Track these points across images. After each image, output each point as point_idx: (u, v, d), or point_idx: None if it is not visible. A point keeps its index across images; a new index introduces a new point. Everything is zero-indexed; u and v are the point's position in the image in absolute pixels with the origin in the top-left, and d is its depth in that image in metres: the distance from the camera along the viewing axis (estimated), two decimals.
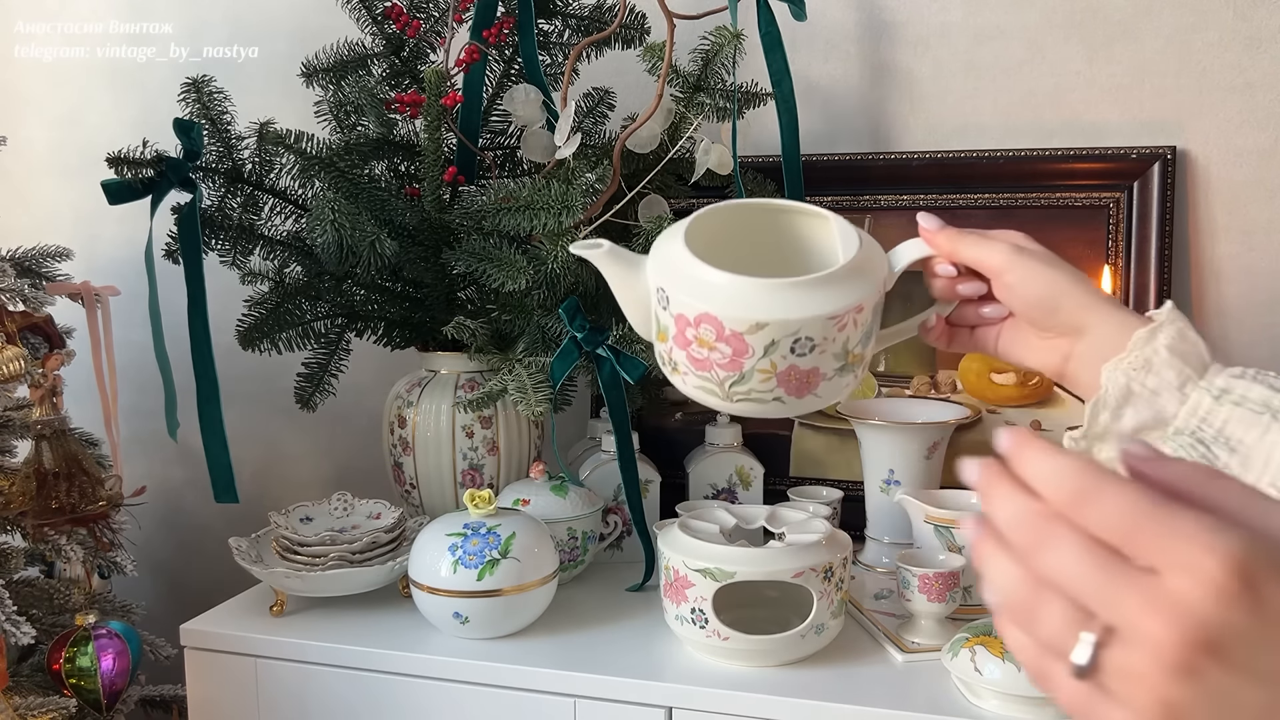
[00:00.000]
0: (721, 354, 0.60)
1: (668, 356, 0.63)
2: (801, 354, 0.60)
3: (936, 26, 1.24)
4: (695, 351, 0.61)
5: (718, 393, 0.62)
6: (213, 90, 1.08)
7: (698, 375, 0.62)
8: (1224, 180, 1.16)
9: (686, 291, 0.60)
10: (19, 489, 1.09)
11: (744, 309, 0.59)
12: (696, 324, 0.60)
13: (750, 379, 0.61)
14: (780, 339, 0.59)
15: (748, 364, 0.60)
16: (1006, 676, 0.82)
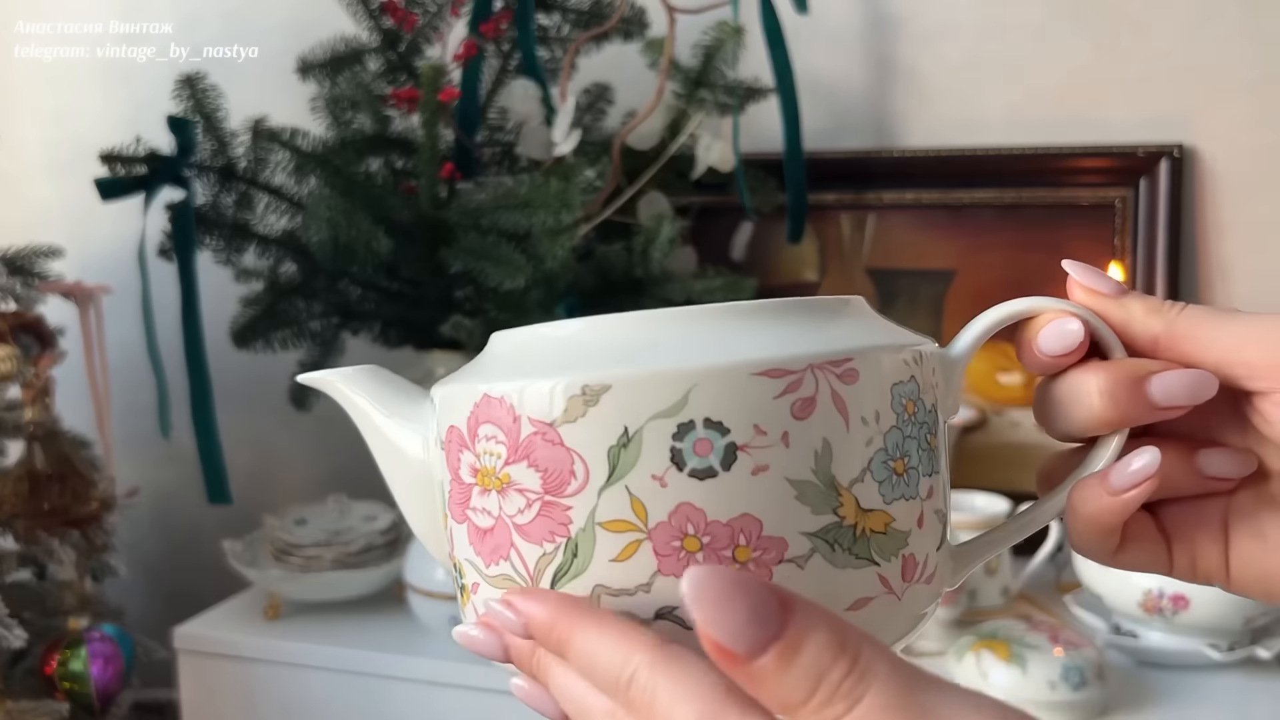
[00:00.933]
0: (523, 495, 0.29)
1: (454, 562, 0.33)
2: (702, 464, 0.28)
3: (941, 21, 1.23)
4: (476, 509, 0.31)
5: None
6: (206, 87, 1.07)
7: (488, 577, 0.31)
8: (1233, 177, 1.15)
9: (467, 377, 0.32)
10: (10, 491, 1.08)
11: (566, 363, 0.30)
12: (473, 430, 0.30)
13: (587, 551, 0.29)
14: (640, 424, 0.28)
15: (578, 509, 0.29)
16: (1013, 681, 0.81)
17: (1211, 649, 0.88)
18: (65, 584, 1.14)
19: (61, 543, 1.09)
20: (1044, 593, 1.04)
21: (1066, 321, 0.31)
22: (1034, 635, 0.84)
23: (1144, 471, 0.30)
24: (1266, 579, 0.32)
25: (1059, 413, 0.32)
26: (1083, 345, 0.31)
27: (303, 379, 0.37)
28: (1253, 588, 0.32)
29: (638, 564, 0.28)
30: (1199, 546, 0.33)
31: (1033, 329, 0.32)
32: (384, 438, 0.35)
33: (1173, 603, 0.88)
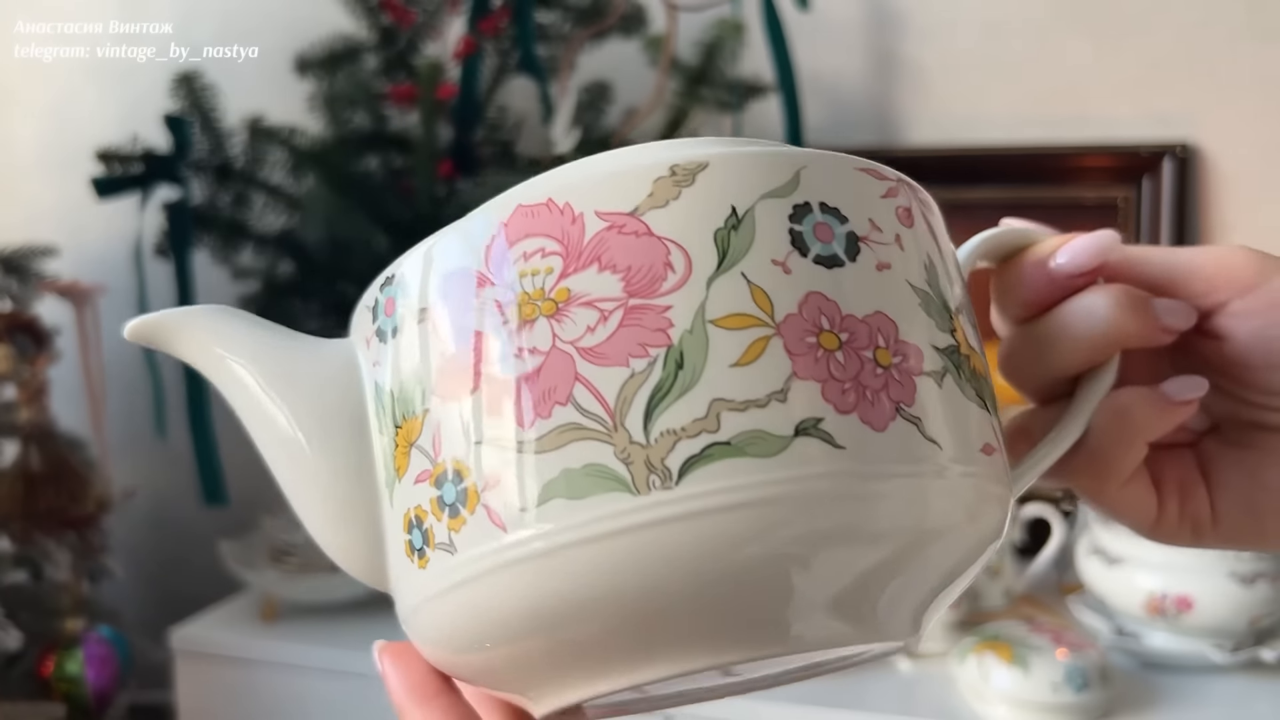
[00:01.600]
0: (593, 309, 0.23)
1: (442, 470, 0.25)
2: (827, 251, 0.24)
3: (944, 18, 1.22)
4: (505, 357, 0.23)
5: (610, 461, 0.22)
6: (203, 85, 1.07)
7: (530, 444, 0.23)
8: (1237, 176, 1.14)
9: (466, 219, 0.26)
10: (6, 492, 1.08)
11: (645, 155, 0.25)
12: (498, 258, 0.24)
13: (697, 357, 0.23)
14: (751, 203, 0.24)
15: (680, 307, 0.23)
16: (1015, 683, 0.80)
17: (1215, 651, 0.88)
18: (61, 585, 1.13)
19: (57, 544, 1.09)
20: (1047, 595, 1.03)
21: (1100, 234, 0.30)
22: (1037, 637, 0.83)
23: (1200, 386, 0.30)
24: (1253, 509, 0.31)
25: (1058, 344, 0.30)
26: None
27: (130, 330, 0.29)
28: (1242, 524, 0.31)
29: (767, 366, 0.22)
30: (1186, 489, 0.32)
31: (1040, 251, 0.31)
32: (267, 414, 0.27)
33: (1176, 605, 0.88)
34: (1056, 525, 1.00)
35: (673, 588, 0.22)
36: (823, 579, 0.23)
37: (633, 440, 0.22)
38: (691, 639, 0.24)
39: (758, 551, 0.22)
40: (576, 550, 0.22)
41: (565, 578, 0.23)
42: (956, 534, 0.25)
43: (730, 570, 0.23)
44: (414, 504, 0.25)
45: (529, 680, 0.25)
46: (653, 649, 0.24)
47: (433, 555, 0.24)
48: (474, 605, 0.24)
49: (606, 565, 0.22)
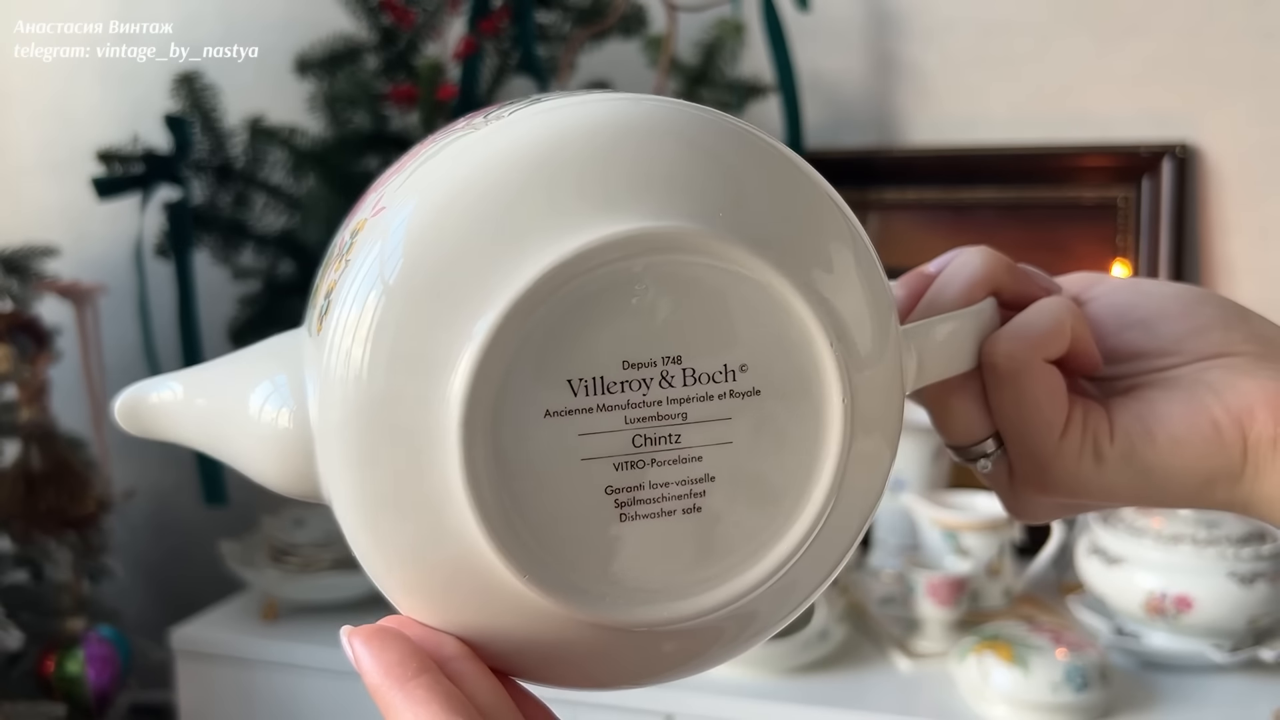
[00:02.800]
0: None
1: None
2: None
3: (944, 18, 1.22)
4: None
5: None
6: (204, 85, 1.07)
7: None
8: (1236, 176, 1.14)
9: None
10: (7, 492, 1.08)
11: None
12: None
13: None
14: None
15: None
16: (1015, 683, 0.80)
17: (1214, 650, 0.88)
18: (62, 585, 1.13)
19: (58, 544, 1.08)
20: (1047, 594, 1.03)
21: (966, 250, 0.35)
22: (1037, 637, 0.84)
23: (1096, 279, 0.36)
24: (1147, 432, 0.33)
25: (938, 298, 0.33)
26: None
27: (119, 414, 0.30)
28: (1137, 442, 0.33)
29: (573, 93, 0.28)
30: (1088, 409, 0.33)
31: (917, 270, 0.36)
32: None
33: (1176, 604, 0.88)
34: (1056, 525, 1.00)
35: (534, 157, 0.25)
36: None
37: (473, 124, 0.27)
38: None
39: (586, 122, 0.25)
40: (439, 173, 0.26)
41: (441, 197, 0.25)
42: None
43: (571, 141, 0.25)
44: (325, 287, 0.27)
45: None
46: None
47: (333, 297, 0.26)
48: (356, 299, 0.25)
49: (467, 168, 0.25)
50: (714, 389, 0.25)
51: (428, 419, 0.24)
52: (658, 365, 0.25)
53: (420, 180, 0.25)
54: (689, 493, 0.25)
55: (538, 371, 0.24)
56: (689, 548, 0.26)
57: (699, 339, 0.25)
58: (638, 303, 0.24)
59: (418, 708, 0.25)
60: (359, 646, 0.27)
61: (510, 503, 0.24)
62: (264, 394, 0.28)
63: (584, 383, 0.24)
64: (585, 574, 0.25)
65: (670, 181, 0.25)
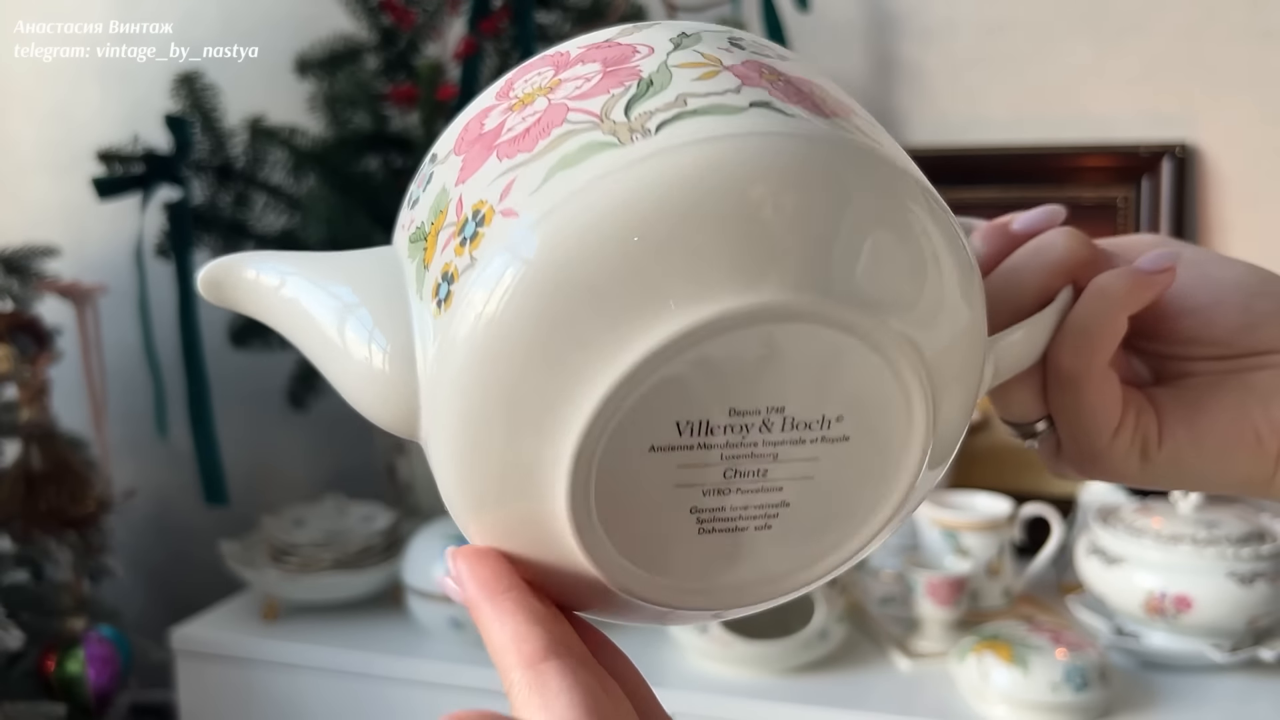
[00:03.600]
0: (580, 80, 0.28)
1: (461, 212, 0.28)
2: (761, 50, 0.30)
3: (943, 19, 1.22)
4: (512, 124, 0.28)
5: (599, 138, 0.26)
6: (204, 85, 1.07)
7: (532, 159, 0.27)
8: (1236, 176, 1.14)
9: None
10: (7, 491, 1.07)
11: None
12: (505, 90, 0.29)
13: (664, 78, 0.27)
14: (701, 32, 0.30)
15: (649, 64, 0.28)
16: (1015, 683, 0.80)
17: (1214, 650, 0.88)
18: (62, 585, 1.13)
19: (58, 544, 1.08)
20: (1046, 594, 1.03)
21: (1049, 206, 0.37)
22: (1036, 637, 0.84)
23: (1170, 258, 0.34)
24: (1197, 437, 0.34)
25: (1018, 277, 0.35)
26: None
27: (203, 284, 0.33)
28: (1183, 446, 0.34)
29: (722, 80, 0.27)
30: (1140, 409, 0.34)
31: (997, 221, 0.38)
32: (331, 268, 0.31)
33: (1175, 604, 0.88)
34: (1056, 525, 1.00)
35: (670, 212, 0.25)
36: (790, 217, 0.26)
37: (616, 123, 0.26)
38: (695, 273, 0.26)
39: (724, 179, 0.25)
40: (578, 201, 0.25)
41: (577, 231, 0.25)
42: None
43: (706, 202, 0.25)
44: (440, 267, 0.27)
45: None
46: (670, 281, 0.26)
47: (456, 286, 0.27)
48: (500, 299, 0.26)
49: (605, 206, 0.25)
50: (808, 434, 0.27)
51: (550, 423, 0.26)
52: (761, 414, 0.27)
53: (560, 197, 0.25)
54: (764, 515, 0.28)
55: (652, 412, 0.26)
56: (753, 556, 0.28)
57: (802, 391, 0.27)
58: (753, 360, 0.26)
59: (505, 617, 0.27)
60: (461, 562, 0.29)
61: (603, 516, 0.27)
62: (347, 322, 0.29)
63: (690, 425, 0.26)
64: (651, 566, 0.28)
65: (799, 251, 0.26)
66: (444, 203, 0.28)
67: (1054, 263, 0.34)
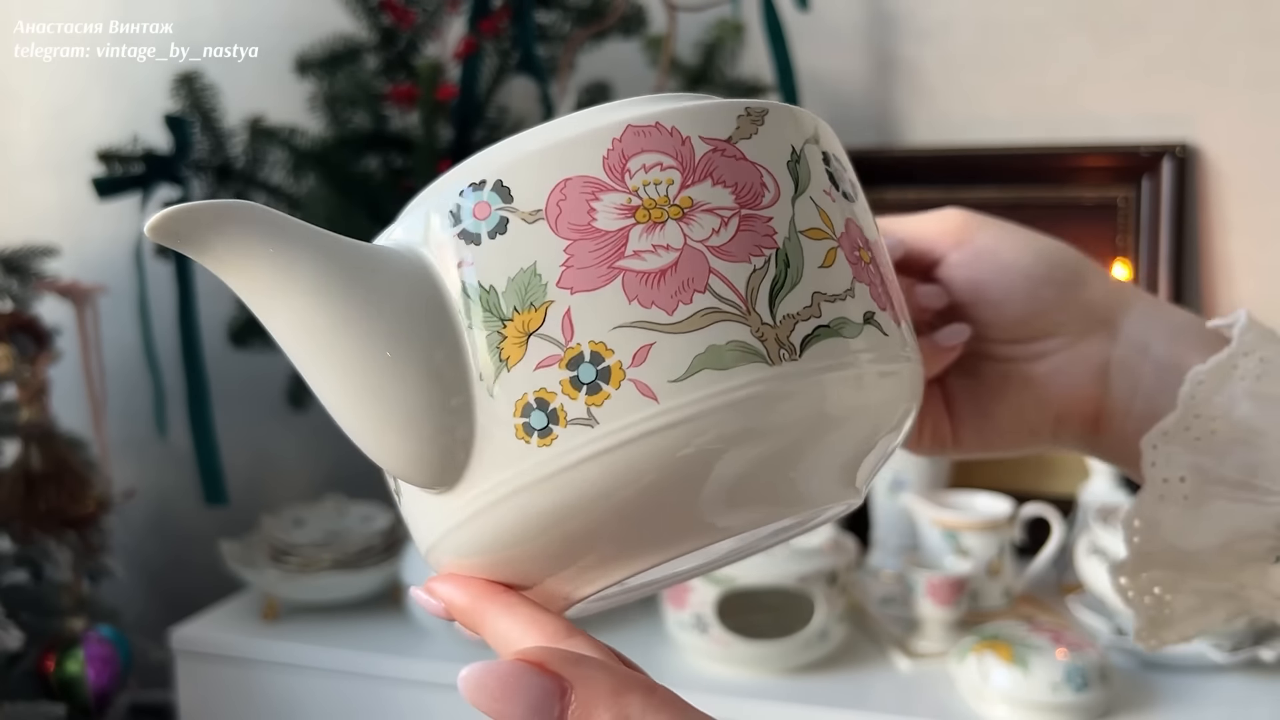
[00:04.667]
0: (715, 215, 0.27)
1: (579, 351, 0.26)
2: (847, 188, 0.30)
3: (943, 18, 1.22)
4: (643, 251, 0.26)
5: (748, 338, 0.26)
6: (203, 85, 1.07)
7: (673, 326, 0.26)
8: (1236, 176, 1.14)
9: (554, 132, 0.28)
10: (6, 492, 1.07)
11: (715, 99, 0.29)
12: (618, 167, 0.27)
13: (798, 259, 0.27)
14: (801, 144, 0.29)
15: (779, 219, 0.27)
16: (1015, 683, 0.80)
17: (1214, 650, 0.88)
18: (62, 585, 1.13)
19: (58, 544, 1.08)
20: (1047, 594, 1.03)
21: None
22: (1037, 637, 0.83)
23: (962, 333, 0.38)
24: (980, 432, 0.40)
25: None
26: None
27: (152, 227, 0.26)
28: (972, 441, 0.40)
29: (839, 271, 0.28)
30: (935, 420, 0.40)
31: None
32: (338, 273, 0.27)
33: None
34: (1056, 525, 1.00)
35: (802, 438, 0.28)
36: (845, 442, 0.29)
37: (764, 322, 0.27)
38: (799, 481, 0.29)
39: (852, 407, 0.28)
40: (725, 413, 0.26)
41: (712, 437, 0.26)
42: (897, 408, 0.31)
43: (834, 422, 0.28)
44: (534, 388, 0.26)
45: (589, 564, 0.29)
46: (766, 494, 0.29)
47: (563, 431, 0.26)
48: (613, 473, 0.26)
49: (748, 422, 0.26)
50: None
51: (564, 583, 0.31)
52: None
53: (707, 404, 0.26)
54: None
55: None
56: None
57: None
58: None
59: (511, 610, 0.28)
60: (443, 586, 0.29)
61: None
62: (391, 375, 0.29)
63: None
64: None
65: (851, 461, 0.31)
66: (539, 297, 0.26)
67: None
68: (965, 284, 0.38)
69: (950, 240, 0.39)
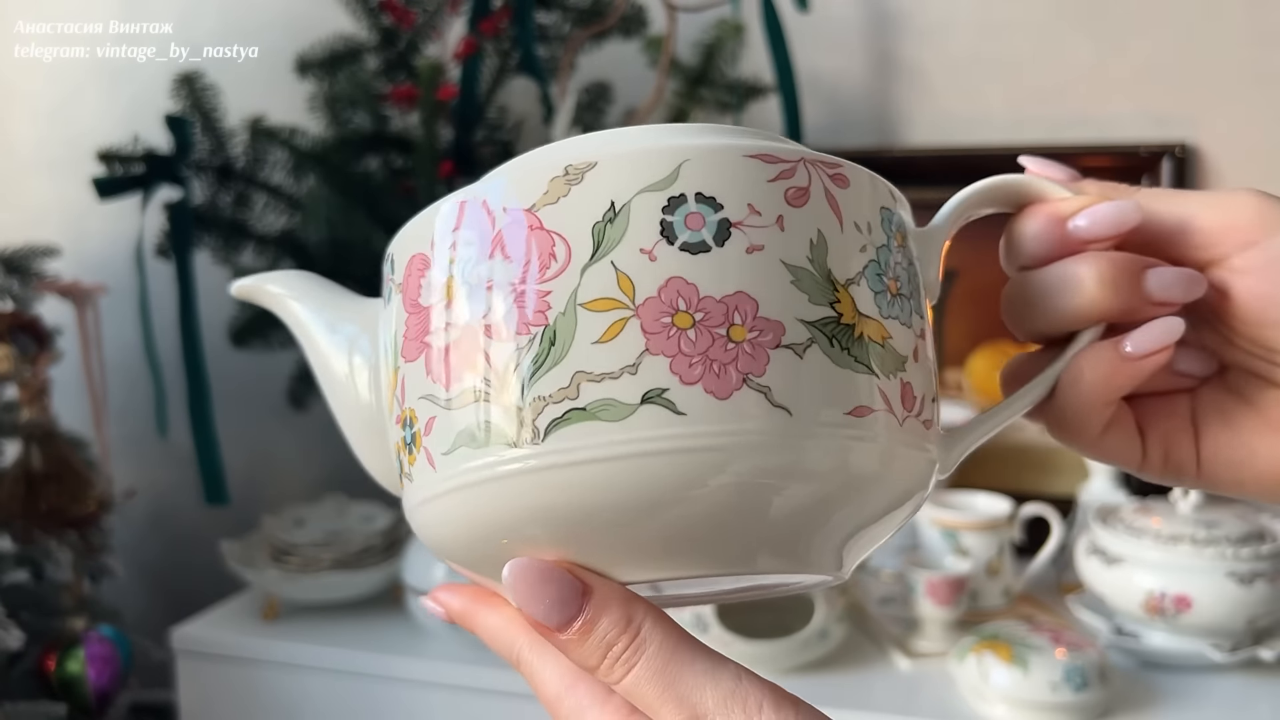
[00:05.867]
0: (495, 291, 0.27)
1: (404, 416, 0.30)
2: (694, 238, 0.26)
3: (943, 18, 1.22)
4: (437, 329, 0.28)
5: (498, 419, 0.27)
6: (204, 85, 1.07)
7: (448, 401, 0.28)
8: (1236, 176, 1.14)
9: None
10: (7, 491, 1.07)
11: (548, 155, 0.28)
12: (446, 245, 0.28)
13: (566, 337, 0.26)
14: (628, 198, 0.26)
15: (558, 292, 0.26)
16: (1015, 683, 0.80)
17: (1213, 650, 0.88)
18: (62, 585, 1.13)
19: (59, 543, 1.08)
20: (1046, 594, 1.03)
21: (1123, 205, 0.30)
22: (1036, 636, 0.84)
23: (1167, 336, 0.30)
24: (1235, 467, 0.32)
25: (1044, 304, 0.31)
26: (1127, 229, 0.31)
27: (236, 289, 0.37)
28: (1223, 477, 0.32)
29: (623, 344, 0.26)
30: (1171, 438, 0.32)
31: (1060, 209, 0.31)
32: (320, 353, 0.35)
33: (1175, 604, 0.88)
34: (1056, 525, 1.00)
35: (528, 522, 0.28)
36: (677, 521, 0.27)
37: (515, 403, 0.26)
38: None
39: (604, 500, 0.26)
40: (473, 490, 0.28)
41: (469, 511, 0.28)
42: (826, 483, 0.27)
43: (575, 514, 0.27)
44: (394, 438, 0.31)
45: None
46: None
47: (405, 481, 0.30)
48: (435, 527, 0.30)
49: (491, 502, 0.27)
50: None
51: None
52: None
53: (455, 482, 0.28)
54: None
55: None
56: None
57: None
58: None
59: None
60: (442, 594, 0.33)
61: None
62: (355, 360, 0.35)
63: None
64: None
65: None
66: (395, 359, 0.30)
67: (1074, 310, 0.31)
68: (1248, 296, 0.30)
69: (1238, 238, 0.30)
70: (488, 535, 0.28)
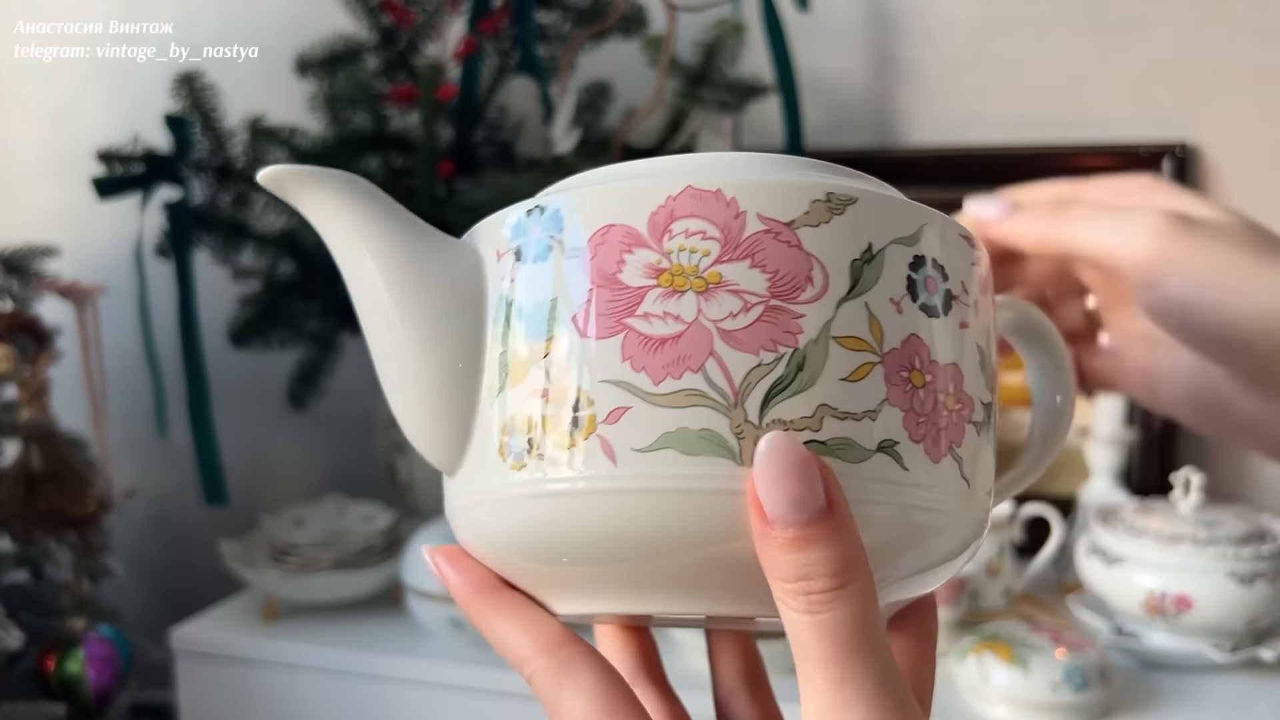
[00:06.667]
0: (738, 297, 0.26)
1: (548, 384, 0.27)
2: (930, 301, 0.28)
3: (943, 18, 1.22)
4: (652, 314, 0.26)
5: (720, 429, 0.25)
6: (204, 85, 1.06)
7: (653, 396, 0.26)
8: (1236, 176, 1.14)
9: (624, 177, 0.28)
10: (7, 491, 1.07)
11: (806, 176, 0.28)
12: (660, 225, 0.26)
13: (816, 365, 0.26)
14: (884, 244, 0.27)
15: (811, 318, 0.26)
16: (1015, 683, 0.80)
17: (1214, 650, 0.88)
18: (62, 585, 1.13)
19: (58, 544, 1.08)
20: (1046, 594, 1.03)
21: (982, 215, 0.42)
22: (1036, 637, 0.84)
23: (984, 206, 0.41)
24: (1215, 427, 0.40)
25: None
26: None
27: (264, 176, 0.31)
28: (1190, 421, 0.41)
29: (868, 388, 0.26)
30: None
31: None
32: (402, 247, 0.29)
33: (1175, 604, 0.88)
34: (1056, 525, 1.00)
35: (734, 552, 0.26)
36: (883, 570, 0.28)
37: (747, 419, 0.25)
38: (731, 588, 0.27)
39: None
40: (674, 497, 0.25)
41: (655, 516, 0.26)
42: (949, 560, 0.30)
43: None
44: (522, 413, 0.27)
45: (561, 590, 0.29)
46: (696, 588, 0.27)
47: (531, 462, 0.27)
48: (556, 516, 0.27)
49: (694, 515, 0.25)
50: None
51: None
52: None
53: (659, 482, 0.26)
54: None
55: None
56: None
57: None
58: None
59: (509, 611, 0.28)
60: (444, 565, 0.29)
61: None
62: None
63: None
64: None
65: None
66: (552, 330, 0.27)
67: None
68: (1135, 363, 0.35)
69: (1139, 277, 0.33)
70: (658, 549, 0.26)
